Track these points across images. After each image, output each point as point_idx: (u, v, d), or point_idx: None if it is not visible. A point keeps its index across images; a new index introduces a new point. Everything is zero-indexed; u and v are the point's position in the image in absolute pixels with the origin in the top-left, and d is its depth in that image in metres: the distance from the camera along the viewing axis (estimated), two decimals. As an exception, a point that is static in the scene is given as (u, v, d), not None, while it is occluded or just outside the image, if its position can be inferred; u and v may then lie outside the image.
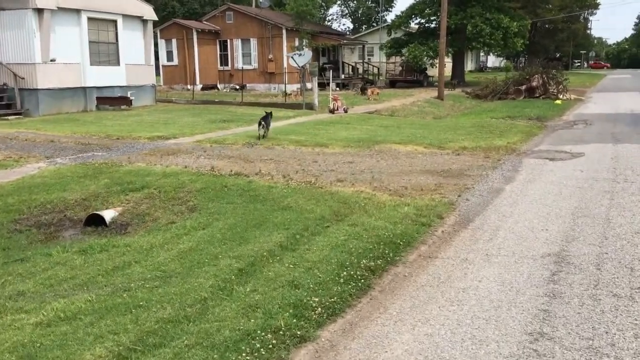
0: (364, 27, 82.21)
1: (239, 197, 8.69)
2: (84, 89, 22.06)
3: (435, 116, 24.10)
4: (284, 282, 5.16)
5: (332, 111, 22.31)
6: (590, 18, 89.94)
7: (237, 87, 36.01)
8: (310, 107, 23.76)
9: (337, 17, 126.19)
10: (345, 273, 5.34)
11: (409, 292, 5.10)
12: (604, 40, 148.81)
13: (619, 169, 10.73)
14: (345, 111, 22.69)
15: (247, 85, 37.44)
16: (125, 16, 23.43)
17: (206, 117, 19.84)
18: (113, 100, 22.60)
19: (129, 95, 22.77)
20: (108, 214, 8.44)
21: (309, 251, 6.04)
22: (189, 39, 37.08)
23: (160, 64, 38.68)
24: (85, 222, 8.41)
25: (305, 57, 23.60)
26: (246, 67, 37.82)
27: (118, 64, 23.35)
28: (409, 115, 23.35)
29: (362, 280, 5.22)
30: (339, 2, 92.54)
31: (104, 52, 22.81)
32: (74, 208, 8.91)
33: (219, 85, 38.40)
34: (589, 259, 5.85)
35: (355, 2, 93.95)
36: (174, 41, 37.67)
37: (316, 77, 24.18)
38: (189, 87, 36.25)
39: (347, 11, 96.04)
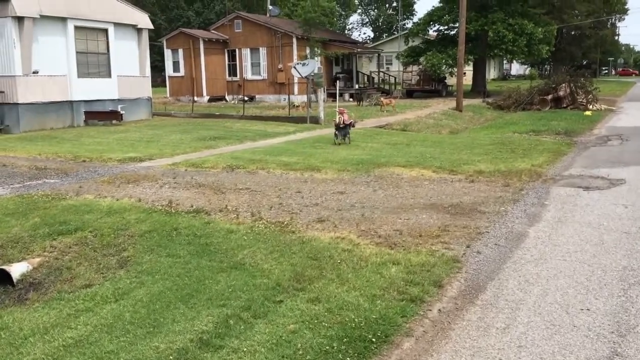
0: (384, 36, 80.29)
1: (185, 247, 6.82)
2: (71, 103, 20.53)
3: (452, 130, 22.01)
4: None
5: (337, 126, 20.36)
6: (618, 24, 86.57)
7: (246, 98, 34.36)
8: (315, 120, 21.90)
9: (357, 25, 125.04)
10: (271, 410, 3.41)
11: None
12: (631, 47, 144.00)
13: (672, 203, 8.61)
14: (353, 125, 20.68)
15: (257, 96, 35.82)
16: (117, 24, 21.89)
17: (197, 133, 18.10)
18: (102, 115, 21.03)
19: (119, 109, 21.17)
20: (17, 269, 6.64)
21: (235, 354, 4.12)
22: (196, 49, 35.55)
23: (167, 74, 37.30)
24: (-11, 280, 6.63)
25: (309, 66, 21.75)
26: (255, 77, 36.21)
27: (109, 75, 21.80)
28: (422, 129, 21.30)
29: None
30: (359, 11, 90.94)
31: (94, 63, 21.28)
32: (-16, 258, 7.13)
33: (227, 97, 36.82)
34: (659, 376, 3.83)
35: (375, 10, 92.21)
36: (180, 51, 36.16)
37: (322, 88, 22.32)
38: (196, 98, 34.74)
39: (367, 20, 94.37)
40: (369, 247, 6.58)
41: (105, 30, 21.50)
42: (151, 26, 23.72)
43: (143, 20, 23.13)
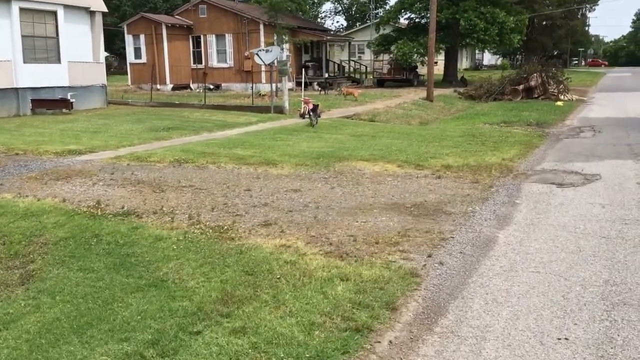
0: (357, 25, 79.25)
1: (103, 258, 5.84)
2: (16, 90, 19.12)
3: (422, 120, 21.25)
4: None
5: (302, 116, 19.42)
6: (589, 15, 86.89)
7: (211, 87, 33.11)
8: (279, 110, 20.91)
9: (330, 14, 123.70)
10: None
11: None
12: (601, 38, 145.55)
13: (652, 202, 7.92)
14: (319, 115, 19.83)
15: (223, 84, 34.57)
16: (67, 7, 20.45)
17: (150, 123, 16.94)
18: (51, 103, 19.68)
19: (69, 97, 19.84)
20: None
21: (119, 416, 3.21)
22: (158, 35, 34.04)
23: (128, 61, 35.76)
24: None
25: (272, 53, 20.71)
26: (221, 65, 34.90)
27: (59, 61, 20.38)
28: (391, 119, 20.49)
29: None
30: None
31: (41, 47, 19.85)
32: None
33: (192, 85, 35.45)
34: None
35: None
36: (142, 37, 34.59)
37: (286, 77, 21.30)
38: (159, 86, 33.39)
39: (340, 8, 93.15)
40: (316, 258, 5.69)
41: (54, 13, 20.06)
42: (105, 9, 22.31)
43: (96, 2, 21.72)
